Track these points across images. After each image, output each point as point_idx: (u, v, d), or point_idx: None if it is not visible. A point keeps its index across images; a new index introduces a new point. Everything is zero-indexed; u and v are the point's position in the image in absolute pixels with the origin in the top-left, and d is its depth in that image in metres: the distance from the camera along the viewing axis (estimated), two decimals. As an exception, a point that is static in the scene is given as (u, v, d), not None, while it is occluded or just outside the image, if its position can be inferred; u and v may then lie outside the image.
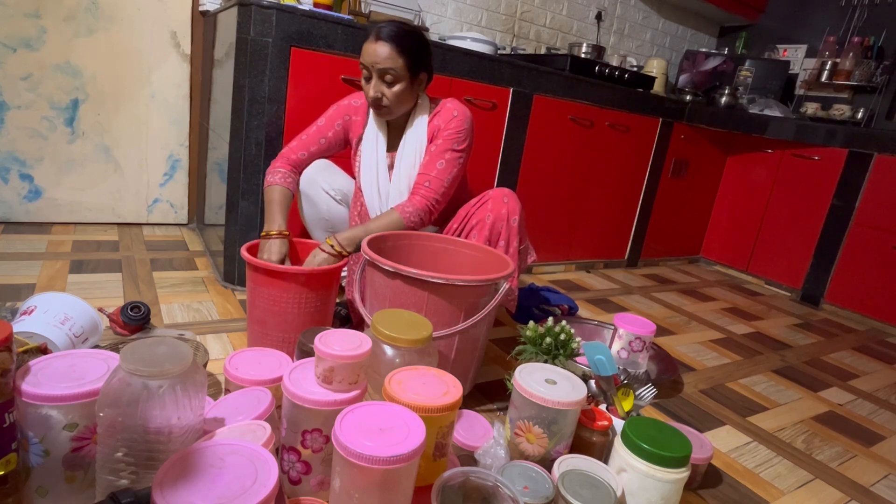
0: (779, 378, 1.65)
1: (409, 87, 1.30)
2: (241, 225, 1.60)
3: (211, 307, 1.50)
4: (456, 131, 1.34)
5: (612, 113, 2.34)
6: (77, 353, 0.74)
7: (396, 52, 1.24)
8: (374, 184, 1.39)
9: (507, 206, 1.31)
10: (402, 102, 1.31)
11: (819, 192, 2.52)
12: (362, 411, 0.70)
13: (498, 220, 1.31)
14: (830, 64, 2.87)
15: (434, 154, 1.33)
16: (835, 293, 2.48)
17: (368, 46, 1.25)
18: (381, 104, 1.29)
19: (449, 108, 1.35)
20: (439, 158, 1.33)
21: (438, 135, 1.35)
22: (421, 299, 1.05)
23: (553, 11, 2.75)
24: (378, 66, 1.24)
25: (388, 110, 1.31)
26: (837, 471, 1.19)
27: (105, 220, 2.11)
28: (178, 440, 0.66)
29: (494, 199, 1.32)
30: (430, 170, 1.32)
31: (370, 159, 1.39)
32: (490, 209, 1.32)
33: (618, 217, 2.59)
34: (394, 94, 1.28)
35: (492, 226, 1.31)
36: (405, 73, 1.27)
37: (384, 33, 1.24)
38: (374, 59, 1.24)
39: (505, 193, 1.33)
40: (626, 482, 0.83)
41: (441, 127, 1.34)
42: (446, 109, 1.35)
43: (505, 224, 1.31)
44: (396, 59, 1.25)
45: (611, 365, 1.04)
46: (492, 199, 1.33)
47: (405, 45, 1.25)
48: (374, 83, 1.27)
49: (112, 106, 2.01)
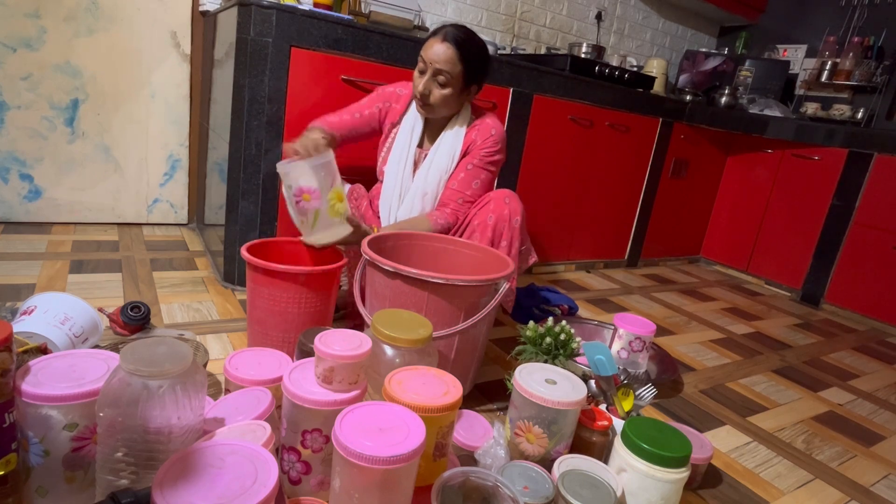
0: (779, 378, 1.65)
1: (458, 94, 1.33)
2: (241, 225, 1.60)
3: (211, 307, 1.50)
4: (493, 152, 1.38)
5: (612, 113, 2.34)
6: (77, 353, 0.74)
7: (458, 58, 1.27)
8: (398, 174, 1.41)
9: (508, 206, 1.32)
10: (447, 106, 1.34)
11: (819, 192, 2.52)
12: (362, 411, 0.70)
13: (500, 221, 1.31)
14: (830, 64, 2.87)
15: (471, 173, 1.37)
16: (835, 293, 2.48)
17: (433, 43, 1.28)
18: (427, 101, 1.32)
19: (488, 125, 1.39)
20: (475, 178, 1.37)
21: (474, 149, 1.38)
22: (421, 299, 1.05)
23: (553, 11, 2.75)
24: (436, 65, 1.27)
25: (430, 108, 1.34)
26: (837, 471, 1.19)
27: (105, 220, 2.11)
28: (178, 440, 0.66)
29: (496, 201, 1.33)
30: (465, 188, 1.37)
31: (401, 150, 1.41)
32: (492, 210, 1.32)
33: (618, 217, 2.59)
34: (442, 95, 1.31)
35: (494, 227, 1.32)
36: (459, 80, 1.30)
37: (451, 36, 1.27)
38: (434, 58, 1.27)
39: (506, 195, 1.33)
40: (626, 482, 0.83)
41: (478, 143, 1.38)
42: (486, 126, 1.39)
43: (507, 225, 1.32)
44: (456, 64, 1.27)
45: (611, 365, 1.04)
46: (493, 200, 1.34)
47: (469, 54, 1.28)
48: (426, 79, 1.29)
49: (112, 106, 2.01)
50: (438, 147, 1.39)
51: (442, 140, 1.39)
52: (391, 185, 1.42)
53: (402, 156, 1.40)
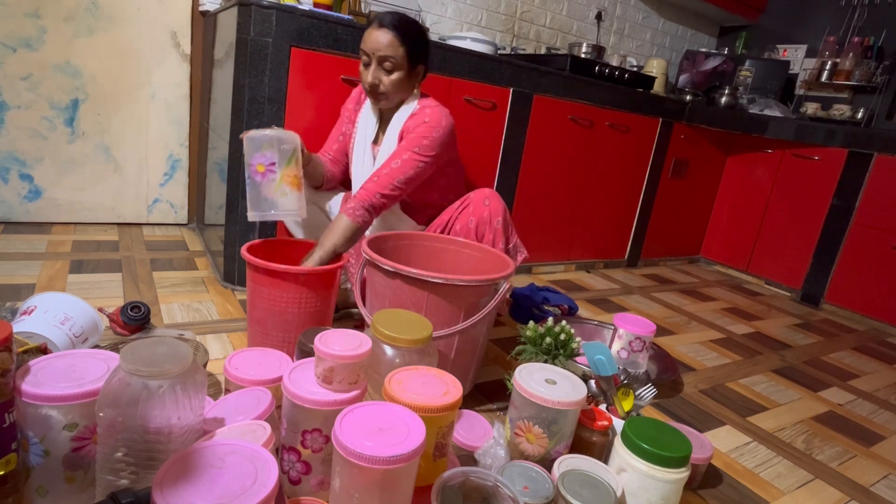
0: (779, 378, 1.65)
1: (407, 77, 1.31)
2: (241, 225, 1.60)
3: (211, 307, 1.50)
4: (421, 136, 1.29)
5: (612, 113, 2.34)
6: (77, 353, 0.74)
7: (398, 41, 1.26)
8: (361, 174, 1.41)
9: (488, 208, 1.31)
10: (399, 92, 1.32)
11: (819, 192, 2.52)
12: (362, 411, 0.70)
13: (481, 223, 1.31)
14: (830, 64, 2.87)
15: (393, 153, 1.30)
16: (835, 293, 2.48)
17: (371, 32, 1.26)
18: (378, 91, 1.30)
19: (423, 113, 1.32)
20: (396, 158, 1.29)
21: (405, 136, 1.33)
22: (421, 299, 1.05)
23: (553, 11, 2.75)
24: (379, 52, 1.25)
25: (384, 97, 1.31)
26: (837, 471, 1.19)
27: (105, 220, 2.11)
28: (178, 440, 0.66)
29: (475, 203, 1.32)
30: (383, 167, 1.29)
31: (359, 150, 1.42)
32: (472, 213, 1.32)
33: (618, 217, 2.59)
34: (391, 81, 1.29)
35: (476, 230, 1.31)
36: (405, 62, 1.28)
37: (387, 21, 1.26)
38: (375, 46, 1.25)
39: (486, 195, 1.32)
40: (626, 482, 0.83)
41: (410, 129, 1.33)
42: (420, 113, 1.33)
43: (488, 226, 1.31)
44: (398, 47, 1.26)
45: (611, 365, 1.04)
46: (473, 202, 1.33)
47: (407, 34, 1.27)
48: (372, 69, 1.28)
49: (112, 106, 2.01)
50: (386, 140, 1.37)
51: (389, 130, 1.37)
52: (358, 184, 1.41)
53: (361, 155, 1.41)
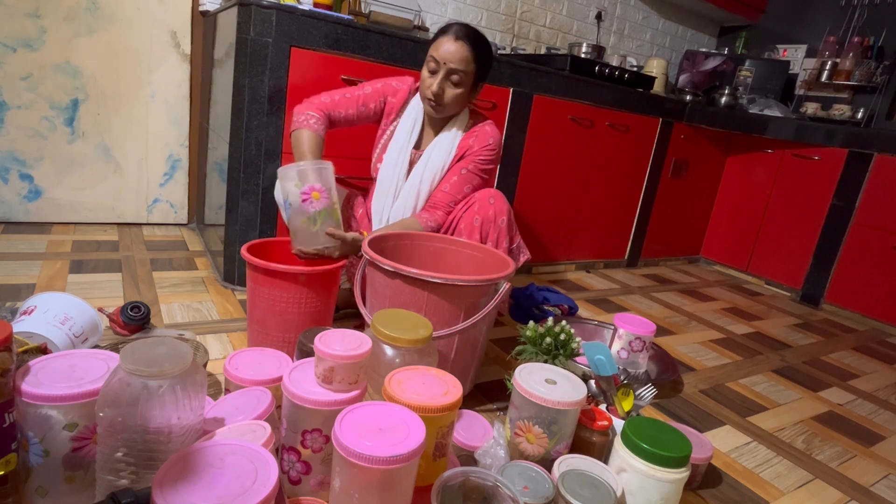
0: (779, 378, 1.65)
1: (469, 93, 1.33)
2: (241, 225, 1.60)
3: (211, 307, 1.50)
4: (488, 160, 1.38)
5: (612, 113, 2.34)
6: (77, 353, 0.74)
7: (472, 58, 1.27)
8: (393, 174, 1.39)
9: (493, 207, 1.31)
10: (457, 105, 1.34)
11: (819, 192, 2.52)
12: (362, 411, 0.70)
13: (486, 222, 1.31)
14: (830, 64, 2.87)
15: (464, 177, 1.36)
16: (835, 293, 2.48)
17: (446, 42, 1.26)
18: (440, 101, 1.31)
19: (487, 133, 1.38)
20: (468, 183, 1.37)
21: (469, 154, 1.37)
22: (421, 299, 1.05)
23: (553, 11, 2.75)
24: (451, 64, 1.26)
25: (442, 108, 1.33)
26: (837, 471, 1.19)
27: (105, 220, 2.11)
28: (178, 440, 0.66)
29: (481, 202, 1.33)
30: (457, 192, 1.36)
31: (398, 151, 1.39)
32: (477, 211, 1.32)
33: (618, 217, 2.59)
34: (455, 95, 1.30)
35: (480, 228, 1.31)
36: (472, 79, 1.30)
37: (464, 34, 1.26)
38: (448, 57, 1.26)
39: (491, 195, 1.33)
40: (626, 482, 0.83)
41: (475, 149, 1.37)
42: (485, 133, 1.38)
43: (493, 225, 1.31)
44: (470, 63, 1.27)
45: (611, 365, 1.04)
46: (478, 201, 1.33)
47: (482, 53, 1.29)
48: (440, 79, 1.28)
49: (112, 106, 2.01)
50: (434, 148, 1.37)
51: (438, 141, 1.38)
52: (385, 184, 1.40)
53: (398, 157, 1.39)
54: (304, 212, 1.17)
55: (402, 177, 1.39)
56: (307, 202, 1.17)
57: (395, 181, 1.39)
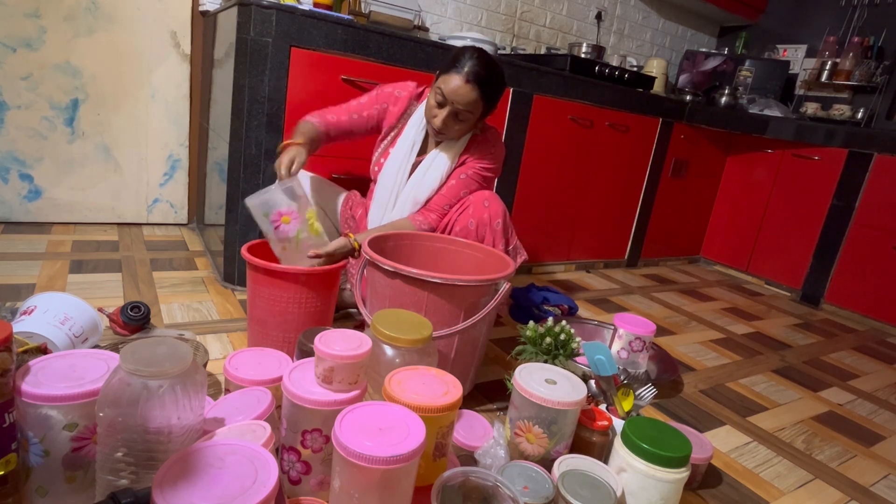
0: (779, 378, 1.65)
1: (475, 125, 1.34)
2: (241, 225, 1.60)
3: (211, 307, 1.50)
4: (488, 169, 1.38)
5: (612, 113, 2.34)
6: (77, 353, 0.74)
7: (480, 98, 1.26)
8: (394, 181, 1.39)
9: (488, 210, 1.31)
10: (461, 134, 1.35)
11: (819, 192, 2.52)
12: (362, 411, 0.70)
13: (481, 224, 1.31)
14: (830, 64, 2.87)
15: (462, 182, 1.37)
16: (835, 293, 2.48)
17: (456, 82, 1.23)
18: (443, 133, 1.32)
19: (489, 142, 1.38)
20: (466, 188, 1.37)
21: (470, 161, 1.38)
22: (421, 299, 1.05)
23: (553, 11, 2.75)
24: (457, 105, 1.26)
25: (444, 138, 1.34)
26: (837, 471, 1.19)
27: (105, 220, 2.11)
28: (178, 440, 0.66)
29: (476, 205, 1.32)
30: (453, 196, 1.37)
31: (400, 159, 1.39)
32: (472, 215, 1.32)
33: (618, 217, 2.59)
34: (459, 130, 1.32)
35: (476, 231, 1.31)
36: (478, 115, 1.31)
37: (474, 76, 1.23)
38: (455, 98, 1.25)
39: (486, 197, 1.33)
40: (626, 482, 0.83)
41: (475, 157, 1.37)
42: (487, 142, 1.38)
43: (488, 228, 1.31)
44: (478, 103, 1.27)
45: (611, 365, 1.04)
46: (473, 204, 1.33)
47: (490, 92, 1.28)
48: (445, 115, 1.27)
49: (112, 106, 2.01)
50: (437, 156, 1.37)
51: (441, 149, 1.37)
52: (385, 191, 1.40)
53: (401, 164, 1.39)
54: (280, 238, 1.19)
55: (402, 182, 1.39)
56: (279, 229, 1.18)
57: (395, 187, 1.39)
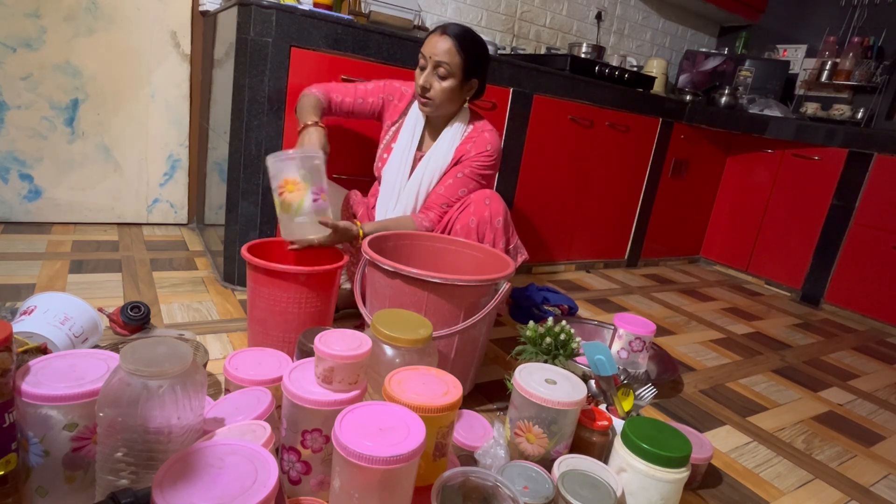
0: (779, 378, 1.65)
1: (459, 88, 1.34)
2: (241, 225, 1.60)
3: (211, 307, 1.50)
4: (485, 166, 1.39)
5: (612, 113, 2.34)
6: (77, 353, 0.74)
7: (456, 50, 1.28)
8: (396, 177, 1.41)
9: (489, 208, 1.32)
10: (447, 101, 1.34)
11: (819, 192, 2.52)
12: (362, 411, 0.70)
13: (482, 223, 1.31)
14: (830, 64, 2.87)
15: (460, 181, 1.37)
16: (835, 293, 2.48)
17: (432, 38, 1.30)
18: (426, 94, 1.32)
19: (486, 140, 1.38)
20: (463, 187, 1.38)
21: (466, 160, 1.38)
22: (421, 299, 1.05)
23: (553, 11, 2.75)
24: (436, 57, 1.28)
25: (431, 103, 1.34)
26: (837, 471, 1.19)
27: (105, 220, 2.11)
28: (178, 440, 0.66)
29: (477, 203, 1.33)
30: (451, 195, 1.37)
31: (401, 154, 1.41)
32: (473, 213, 1.32)
33: (618, 217, 2.59)
34: (442, 88, 1.31)
35: (476, 229, 1.32)
36: (459, 71, 1.31)
37: (450, 30, 1.29)
38: (433, 51, 1.29)
39: (487, 195, 1.33)
40: (626, 482, 0.83)
41: (471, 154, 1.38)
42: (483, 139, 1.38)
43: (489, 226, 1.31)
44: (455, 55, 1.29)
45: (611, 365, 1.04)
46: (474, 202, 1.33)
47: (467, 45, 1.30)
48: (427, 73, 1.31)
49: (112, 106, 2.01)
50: (434, 151, 1.39)
51: (437, 144, 1.39)
52: (389, 188, 1.42)
53: (402, 159, 1.41)
54: (281, 203, 1.19)
55: (404, 178, 1.41)
56: (283, 195, 1.18)
57: (398, 182, 1.41)
